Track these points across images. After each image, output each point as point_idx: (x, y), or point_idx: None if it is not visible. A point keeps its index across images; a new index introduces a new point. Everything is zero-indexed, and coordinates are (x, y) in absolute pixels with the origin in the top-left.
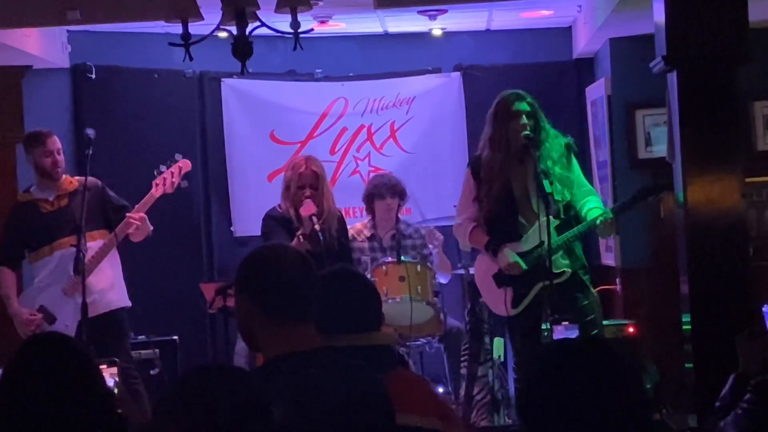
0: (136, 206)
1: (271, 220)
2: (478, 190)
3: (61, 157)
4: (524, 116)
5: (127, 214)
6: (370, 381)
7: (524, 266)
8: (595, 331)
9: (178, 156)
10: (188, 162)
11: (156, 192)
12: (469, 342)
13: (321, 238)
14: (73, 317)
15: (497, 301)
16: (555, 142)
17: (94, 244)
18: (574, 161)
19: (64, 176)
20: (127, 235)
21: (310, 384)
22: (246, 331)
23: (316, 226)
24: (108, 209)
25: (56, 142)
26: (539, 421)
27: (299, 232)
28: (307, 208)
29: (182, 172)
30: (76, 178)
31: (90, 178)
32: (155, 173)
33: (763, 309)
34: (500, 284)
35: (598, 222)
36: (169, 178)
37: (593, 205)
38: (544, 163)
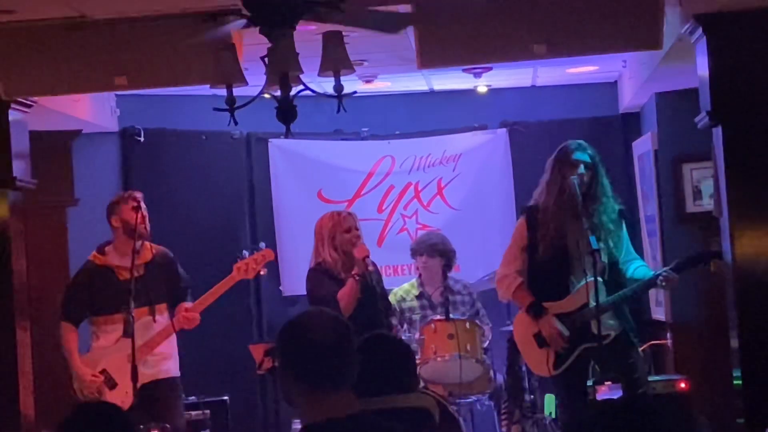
0: (215, 286)
1: (318, 272)
2: (530, 239)
3: (147, 216)
4: (582, 166)
5: (183, 312)
6: None
7: (566, 333)
8: (642, 389)
9: (261, 244)
10: (271, 252)
11: (236, 276)
12: (507, 401)
13: (371, 279)
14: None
15: (538, 360)
16: (611, 200)
17: (162, 318)
18: (625, 229)
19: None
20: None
21: None
22: (286, 396)
23: (370, 267)
24: (174, 284)
25: (142, 200)
26: None
27: (354, 272)
28: (362, 250)
29: (264, 261)
30: (149, 244)
31: (162, 249)
32: (237, 257)
33: None
34: (542, 344)
35: (659, 282)
36: (251, 264)
37: (640, 264)
38: (599, 217)
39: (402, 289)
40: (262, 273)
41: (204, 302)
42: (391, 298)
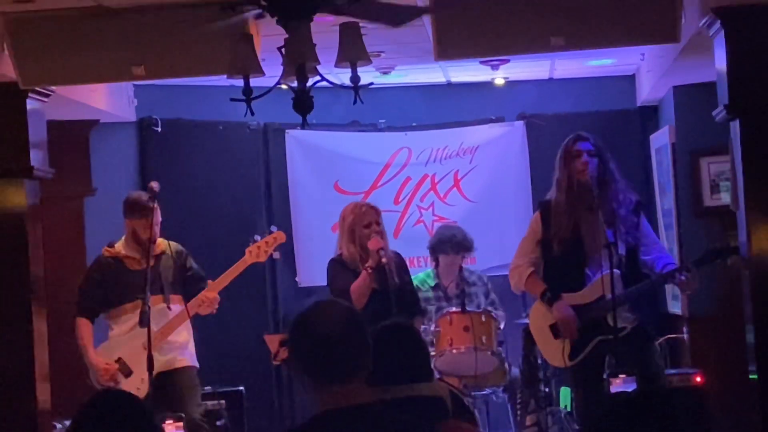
0: (228, 271)
1: (337, 264)
2: (545, 233)
3: (158, 229)
4: (586, 154)
5: (203, 293)
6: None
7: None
8: (657, 382)
9: (273, 228)
10: (283, 234)
11: (249, 259)
12: (522, 391)
13: (387, 271)
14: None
15: (553, 351)
16: (620, 185)
17: (175, 307)
18: (643, 218)
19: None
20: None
21: None
22: (302, 384)
23: (384, 260)
24: (187, 277)
25: (158, 216)
26: None
27: (367, 264)
28: (375, 242)
29: (276, 243)
30: (161, 239)
31: (174, 244)
32: (249, 241)
33: None
34: (557, 335)
35: (677, 282)
36: (263, 247)
37: (668, 261)
38: (610, 204)
39: (417, 278)
40: (275, 256)
41: (219, 285)
42: None
